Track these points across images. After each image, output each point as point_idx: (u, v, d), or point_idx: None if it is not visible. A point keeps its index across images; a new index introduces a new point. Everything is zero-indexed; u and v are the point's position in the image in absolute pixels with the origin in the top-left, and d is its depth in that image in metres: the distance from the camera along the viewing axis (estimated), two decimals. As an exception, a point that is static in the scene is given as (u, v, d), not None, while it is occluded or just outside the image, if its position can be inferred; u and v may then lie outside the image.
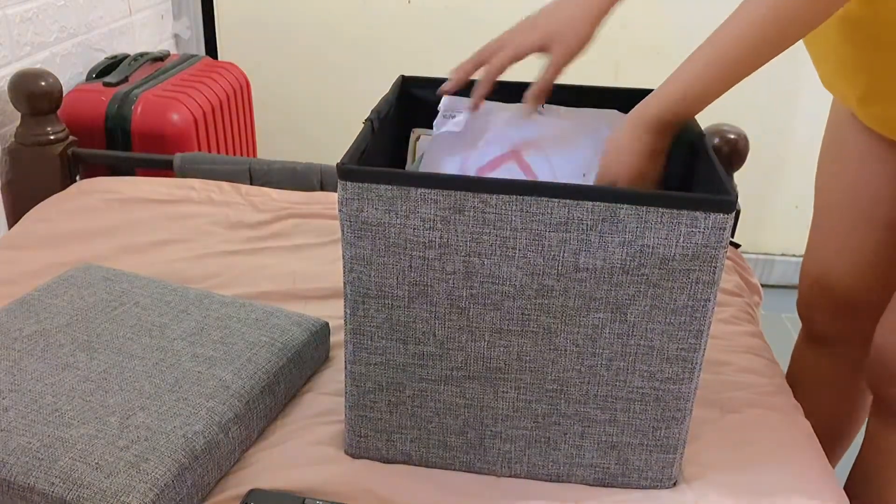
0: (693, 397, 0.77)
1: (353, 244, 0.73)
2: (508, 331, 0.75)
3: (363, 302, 0.76)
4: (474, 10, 2.07)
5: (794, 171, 2.24)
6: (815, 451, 0.88)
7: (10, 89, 1.39)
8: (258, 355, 0.89)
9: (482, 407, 0.79)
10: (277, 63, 2.16)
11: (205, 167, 1.46)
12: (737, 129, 1.38)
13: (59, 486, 0.71)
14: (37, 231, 1.27)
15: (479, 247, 0.71)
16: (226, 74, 1.75)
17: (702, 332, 0.73)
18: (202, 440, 0.77)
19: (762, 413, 0.92)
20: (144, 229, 1.28)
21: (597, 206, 0.69)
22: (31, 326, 0.91)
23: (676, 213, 0.68)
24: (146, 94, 1.54)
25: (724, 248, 0.70)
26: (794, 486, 0.82)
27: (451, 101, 0.94)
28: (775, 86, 2.14)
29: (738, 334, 1.08)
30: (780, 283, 2.38)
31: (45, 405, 0.79)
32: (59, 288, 0.99)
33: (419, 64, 2.09)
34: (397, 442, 0.82)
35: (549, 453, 0.80)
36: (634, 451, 0.79)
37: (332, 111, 2.18)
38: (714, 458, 0.85)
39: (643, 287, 0.71)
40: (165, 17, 2.04)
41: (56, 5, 1.56)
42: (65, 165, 1.46)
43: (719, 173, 0.73)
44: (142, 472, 0.72)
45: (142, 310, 0.95)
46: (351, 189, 0.71)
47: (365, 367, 0.79)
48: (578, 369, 0.76)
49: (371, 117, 0.84)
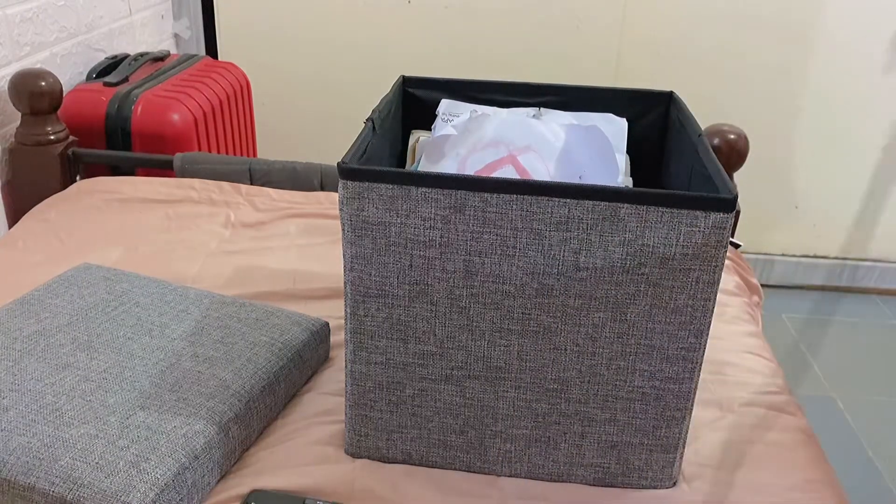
0: (693, 397, 0.77)
1: (354, 243, 0.73)
2: (509, 330, 0.75)
3: (364, 301, 0.76)
4: (474, 10, 2.07)
5: (794, 171, 2.24)
6: (815, 451, 0.88)
7: (10, 89, 1.39)
8: (258, 355, 0.89)
9: (482, 406, 0.79)
10: (277, 63, 2.16)
11: (205, 167, 1.46)
12: (737, 129, 1.38)
13: (60, 486, 0.71)
14: (37, 231, 1.27)
15: (480, 246, 0.71)
16: (226, 74, 1.75)
17: (702, 332, 0.74)
18: (202, 440, 0.77)
19: (762, 413, 0.92)
20: (144, 229, 1.28)
21: (597, 206, 0.69)
22: (31, 326, 0.91)
23: (677, 212, 0.68)
24: (146, 94, 1.54)
25: (725, 247, 0.70)
26: (794, 485, 0.82)
27: (450, 105, 0.94)
28: (775, 86, 2.14)
29: (738, 334, 1.08)
30: (780, 283, 2.38)
31: (45, 405, 0.79)
32: (59, 288, 0.99)
33: (419, 64, 2.10)
34: (397, 441, 0.82)
35: (550, 453, 0.80)
36: (634, 451, 0.79)
37: (332, 111, 2.19)
38: (714, 458, 0.85)
39: (643, 286, 0.71)
40: (165, 17, 2.04)
41: (56, 5, 1.56)
42: (65, 165, 1.46)
43: (719, 173, 0.74)
44: (142, 471, 0.72)
45: (142, 310, 0.95)
46: (352, 188, 0.71)
47: (365, 366, 0.79)
48: (579, 369, 0.76)
49: (372, 117, 0.84)
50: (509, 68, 2.10)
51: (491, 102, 0.97)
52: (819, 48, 2.10)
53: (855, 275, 2.37)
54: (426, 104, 0.97)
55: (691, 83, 2.14)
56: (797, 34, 2.08)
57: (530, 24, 2.08)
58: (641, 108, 0.98)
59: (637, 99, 0.98)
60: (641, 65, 2.13)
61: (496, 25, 2.09)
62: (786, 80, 2.14)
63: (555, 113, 0.94)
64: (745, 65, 2.12)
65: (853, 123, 2.16)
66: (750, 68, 2.13)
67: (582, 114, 0.94)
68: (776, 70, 2.13)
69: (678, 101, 0.95)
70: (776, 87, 2.15)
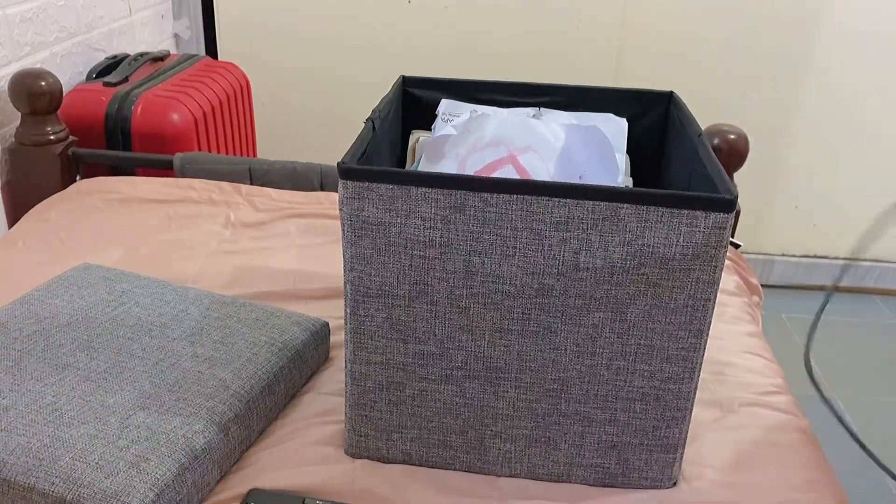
0: (693, 397, 0.77)
1: (354, 243, 0.73)
2: (509, 330, 0.75)
3: (363, 301, 0.76)
4: (474, 10, 2.07)
5: (794, 171, 2.24)
6: (815, 451, 0.88)
7: (10, 89, 1.39)
8: (258, 355, 0.89)
9: (482, 406, 0.79)
10: (277, 63, 2.16)
11: (205, 167, 1.46)
12: (737, 129, 1.38)
13: (60, 486, 0.71)
14: (37, 231, 1.27)
15: (480, 246, 0.71)
16: (226, 74, 1.75)
17: (702, 332, 0.73)
18: (202, 440, 0.77)
19: (762, 413, 0.92)
20: (144, 229, 1.28)
21: (597, 206, 0.69)
22: (31, 326, 0.91)
23: (677, 212, 0.68)
24: (146, 94, 1.54)
25: (725, 247, 0.70)
26: (794, 485, 0.82)
27: (450, 105, 0.94)
28: (775, 85, 2.14)
29: (738, 334, 1.08)
30: (780, 283, 2.39)
31: (45, 405, 0.79)
32: (59, 288, 0.99)
33: (419, 64, 2.10)
34: (397, 441, 0.82)
35: (550, 453, 0.80)
36: (634, 451, 0.79)
37: (332, 111, 2.18)
38: (714, 458, 0.85)
39: (643, 286, 0.71)
40: (165, 17, 2.04)
41: (56, 5, 1.56)
42: (65, 165, 1.46)
43: (719, 173, 0.74)
44: (142, 471, 0.72)
45: (142, 310, 0.95)
46: (352, 188, 0.71)
47: (365, 366, 0.79)
48: (578, 369, 0.76)
49: (372, 117, 0.84)
50: (509, 68, 2.10)
51: (491, 102, 0.97)
52: (819, 48, 2.10)
53: (855, 275, 2.37)
54: (426, 104, 0.97)
55: (691, 83, 2.14)
56: (797, 34, 2.09)
57: (530, 24, 2.08)
58: (641, 108, 0.98)
59: (637, 99, 0.98)
60: (641, 65, 2.13)
61: (496, 25, 2.09)
62: (786, 80, 2.14)
63: (555, 113, 0.94)
64: (746, 65, 2.12)
65: (853, 123, 2.16)
66: (750, 68, 2.13)
67: (582, 114, 0.94)
68: (776, 70, 2.13)
69: (678, 101, 0.95)
70: (776, 87, 2.15)
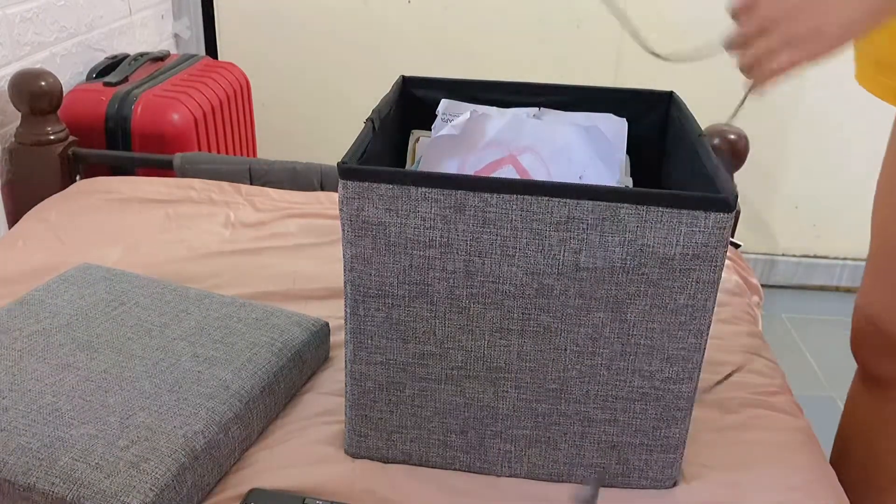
0: (693, 397, 0.77)
1: (354, 243, 0.73)
2: (509, 330, 0.75)
3: (363, 301, 0.76)
4: (474, 10, 2.07)
5: (794, 171, 2.24)
6: (815, 451, 0.88)
7: (10, 89, 1.39)
8: (258, 355, 0.89)
9: (482, 406, 0.79)
10: (277, 63, 2.16)
11: (205, 167, 1.46)
12: (737, 129, 1.38)
13: (60, 486, 0.71)
14: (37, 231, 1.27)
15: (480, 246, 0.71)
16: (226, 74, 1.75)
17: (702, 332, 0.73)
18: (202, 440, 0.77)
19: (762, 413, 0.92)
20: (144, 229, 1.28)
21: (597, 206, 0.69)
22: (31, 326, 0.91)
23: (677, 212, 0.68)
24: (146, 93, 1.54)
25: (725, 247, 0.70)
26: (793, 485, 0.82)
27: (450, 105, 0.94)
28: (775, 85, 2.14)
29: (738, 334, 1.08)
30: (780, 283, 2.38)
31: (45, 405, 0.79)
32: (59, 288, 0.99)
33: (419, 64, 2.09)
34: (397, 441, 0.82)
35: (550, 453, 0.80)
36: (634, 451, 0.79)
37: (332, 111, 2.18)
38: (714, 458, 0.85)
39: (643, 287, 0.71)
40: (165, 17, 2.04)
41: (56, 5, 1.56)
42: (65, 165, 1.46)
43: (720, 173, 0.73)
44: (142, 471, 0.72)
45: (142, 310, 0.95)
46: (352, 188, 0.71)
47: (365, 366, 0.79)
48: (578, 369, 0.76)
49: (372, 117, 0.84)
50: (509, 68, 2.10)
51: (491, 102, 0.97)
52: (819, 48, 2.09)
53: (855, 275, 2.37)
54: (426, 104, 0.97)
55: (691, 83, 2.14)
56: (797, 34, 2.08)
57: (530, 23, 2.08)
58: (641, 108, 0.98)
59: (637, 99, 0.98)
60: (641, 65, 2.13)
61: (496, 25, 2.09)
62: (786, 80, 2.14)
63: (555, 113, 0.94)
64: (745, 65, 2.12)
65: (854, 123, 2.15)
66: (750, 68, 2.12)
67: (582, 114, 0.94)
68: (776, 70, 2.12)
69: (678, 101, 0.95)
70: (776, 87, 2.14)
